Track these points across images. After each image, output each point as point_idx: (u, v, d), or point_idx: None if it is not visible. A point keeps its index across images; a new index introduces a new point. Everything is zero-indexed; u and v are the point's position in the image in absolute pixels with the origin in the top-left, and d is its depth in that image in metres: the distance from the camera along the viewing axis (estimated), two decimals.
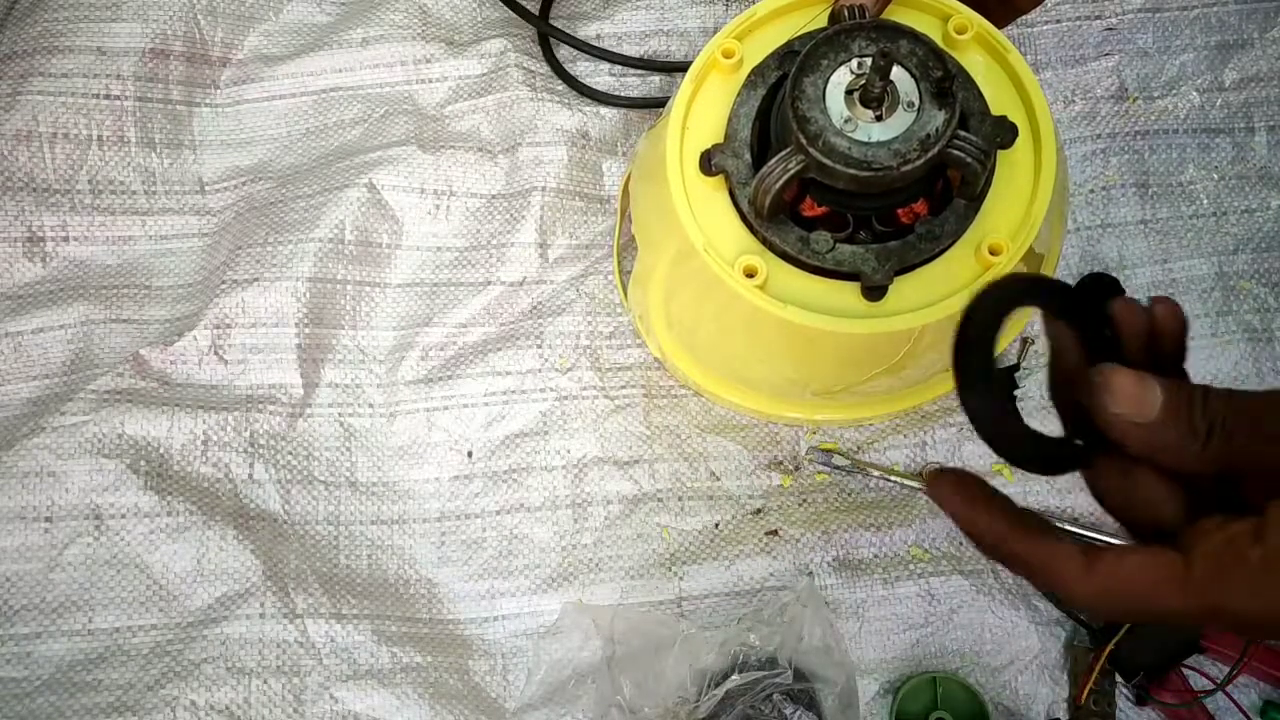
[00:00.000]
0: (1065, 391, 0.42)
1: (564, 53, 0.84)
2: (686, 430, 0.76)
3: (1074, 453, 0.41)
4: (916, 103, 0.54)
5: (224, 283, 0.75)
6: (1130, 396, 0.38)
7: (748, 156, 0.60)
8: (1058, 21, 0.83)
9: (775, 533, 0.74)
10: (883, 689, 0.71)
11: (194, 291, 0.77)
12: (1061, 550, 0.38)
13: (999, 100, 0.60)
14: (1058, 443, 0.41)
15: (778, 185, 0.55)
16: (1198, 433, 0.37)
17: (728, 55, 0.62)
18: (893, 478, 0.74)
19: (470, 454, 0.75)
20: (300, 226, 0.77)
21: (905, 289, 0.58)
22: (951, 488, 0.41)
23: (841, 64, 0.55)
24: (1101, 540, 0.72)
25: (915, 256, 0.57)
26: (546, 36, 0.84)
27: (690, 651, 0.68)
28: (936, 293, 0.58)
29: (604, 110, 0.82)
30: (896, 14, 0.62)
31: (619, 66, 0.84)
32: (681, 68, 0.82)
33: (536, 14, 0.84)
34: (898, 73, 0.54)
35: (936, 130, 0.53)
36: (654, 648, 0.69)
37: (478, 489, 0.74)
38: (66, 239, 0.78)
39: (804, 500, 0.74)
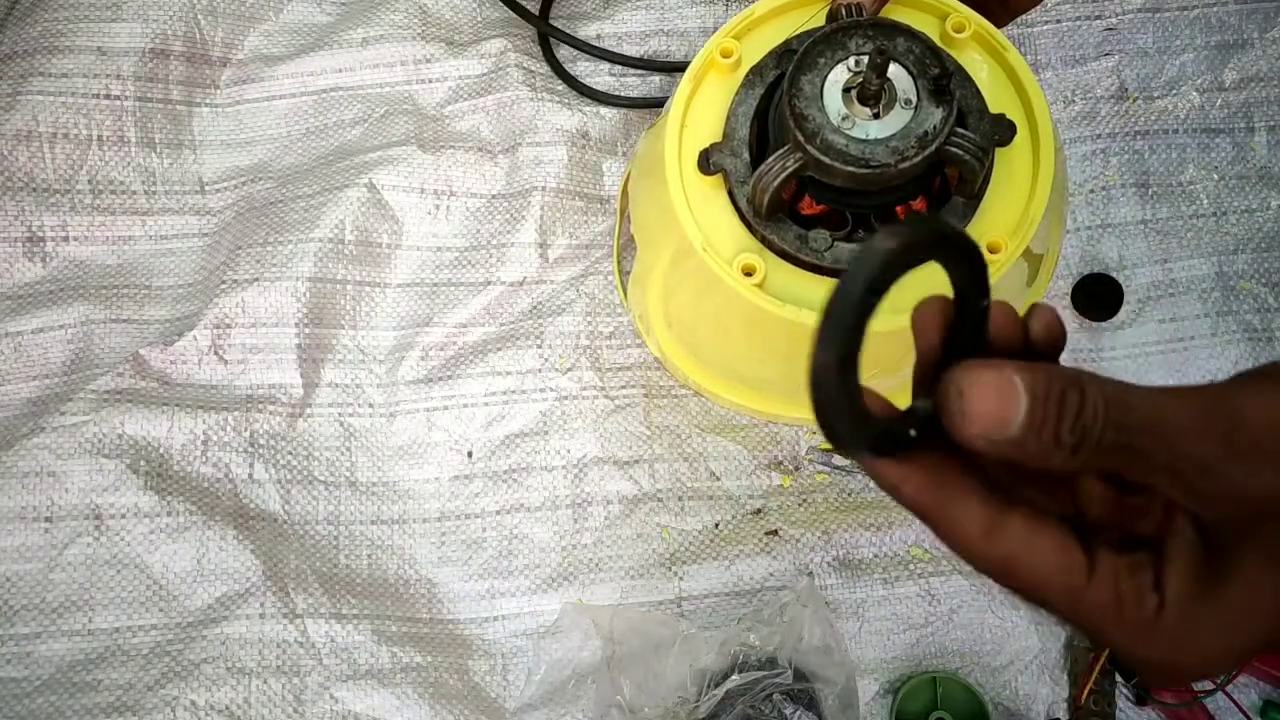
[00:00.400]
0: (924, 382, 0.35)
1: (564, 53, 0.85)
2: (686, 430, 0.76)
3: (903, 441, 0.34)
4: (914, 100, 0.54)
5: (224, 283, 0.75)
6: (988, 416, 0.32)
7: (746, 155, 0.60)
8: (1058, 21, 0.83)
9: (775, 533, 0.74)
10: (883, 689, 0.71)
11: (194, 291, 0.77)
12: (965, 505, 0.34)
13: (997, 99, 0.60)
14: (884, 427, 0.34)
15: (776, 183, 0.55)
16: (1064, 445, 0.32)
17: (726, 55, 0.62)
18: None
19: (470, 454, 0.75)
20: (300, 226, 0.77)
21: (904, 287, 0.58)
22: None
23: (839, 62, 0.55)
24: None
25: None
26: (546, 36, 0.84)
27: (690, 651, 0.67)
28: (935, 291, 0.58)
29: (604, 110, 0.82)
30: (894, 12, 0.62)
31: (619, 66, 0.84)
32: (681, 68, 0.82)
33: (536, 14, 0.84)
34: (895, 70, 0.54)
35: (934, 127, 0.53)
36: (654, 648, 0.69)
37: (478, 489, 0.74)
38: (66, 239, 0.78)
39: (804, 500, 0.74)
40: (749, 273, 0.58)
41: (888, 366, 0.64)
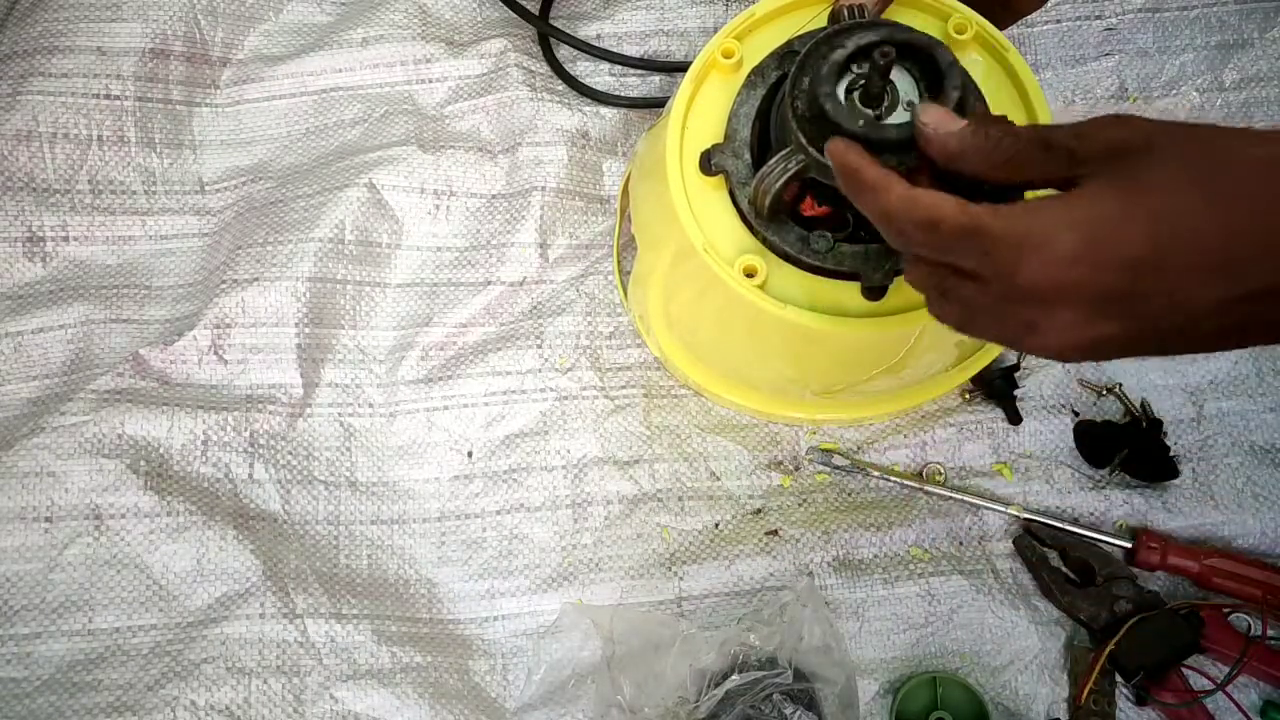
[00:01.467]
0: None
1: (564, 53, 0.84)
2: (686, 430, 0.76)
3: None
4: (916, 102, 0.54)
5: (224, 283, 0.75)
6: (934, 121, 0.47)
7: (747, 156, 0.60)
8: (1058, 21, 0.83)
9: (775, 533, 0.74)
10: (883, 689, 0.71)
11: (194, 291, 0.77)
12: (896, 182, 0.47)
13: (999, 100, 0.60)
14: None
15: (778, 185, 0.55)
16: (991, 140, 0.45)
17: (727, 55, 0.62)
18: (893, 478, 0.74)
19: (470, 454, 0.75)
20: (300, 226, 0.77)
21: (905, 289, 0.58)
22: None
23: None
24: (1101, 540, 0.72)
25: None
26: (546, 36, 0.84)
27: (690, 651, 0.67)
28: None
29: (604, 110, 0.82)
30: (896, 14, 0.62)
31: (619, 66, 0.84)
32: (681, 68, 0.82)
33: (536, 14, 0.84)
34: (897, 72, 0.54)
35: None
36: (654, 648, 0.69)
37: (478, 489, 0.74)
38: (66, 239, 0.78)
39: (804, 500, 0.74)
40: (750, 274, 0.58)
41: (890, 368, 0.64)
